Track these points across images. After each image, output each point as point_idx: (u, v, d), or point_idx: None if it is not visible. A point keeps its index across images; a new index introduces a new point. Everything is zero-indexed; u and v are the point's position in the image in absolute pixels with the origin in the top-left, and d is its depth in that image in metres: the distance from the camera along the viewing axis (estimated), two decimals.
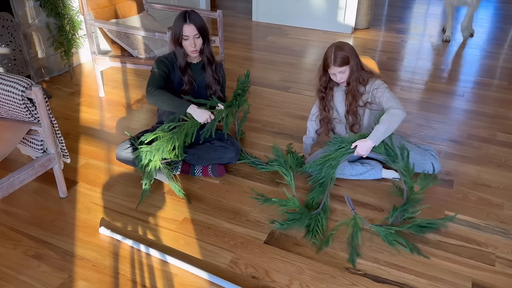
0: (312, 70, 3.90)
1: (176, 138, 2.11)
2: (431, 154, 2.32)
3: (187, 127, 2.13)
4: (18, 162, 2.42)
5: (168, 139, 2.10)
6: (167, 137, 2.11)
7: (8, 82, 1.84)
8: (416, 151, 2.26)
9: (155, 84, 2.14)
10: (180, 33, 2.12)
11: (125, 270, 1.74)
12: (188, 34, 2.11)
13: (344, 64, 2.10)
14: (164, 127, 2.14)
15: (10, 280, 1.68)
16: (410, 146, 2.26)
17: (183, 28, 2.10)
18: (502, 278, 1.74)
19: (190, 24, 2.10)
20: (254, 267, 1.77)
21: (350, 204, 2.03)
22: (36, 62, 3.45)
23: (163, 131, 2.13)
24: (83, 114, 3.02)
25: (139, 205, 2.10)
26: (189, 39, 2.12)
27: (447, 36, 4.82)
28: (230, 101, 2.29)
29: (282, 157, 2.18)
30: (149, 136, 2.12)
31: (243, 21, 5.45)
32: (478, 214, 2.09)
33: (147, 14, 3.38)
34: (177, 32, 2.13)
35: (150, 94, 2.11)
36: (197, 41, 2.15)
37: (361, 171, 2.27)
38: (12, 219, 2.01)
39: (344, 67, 2.11)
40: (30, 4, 3.26)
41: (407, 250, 1.84)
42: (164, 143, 2.10)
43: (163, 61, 2.22)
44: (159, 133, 2.12)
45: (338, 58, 2.09)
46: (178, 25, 2.12)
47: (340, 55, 2.09)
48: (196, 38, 2.14)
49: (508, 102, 3.32)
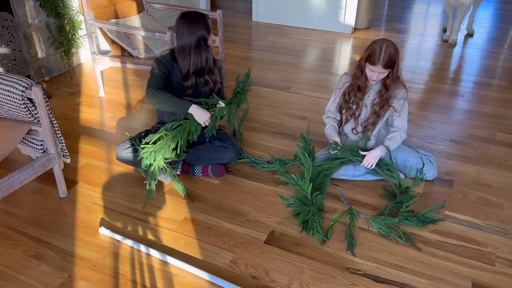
0: (312, 70, 3.90)
1: (179, 136, 2.11)
2: (429, 160, 2.31)
3: (189, 126, 2.13)
4: (18, 162, 2.42)
5: (171, 137, 2.10)
6: (171, 136, 2.11)
7: (8, 82, 1.84)
8: (413, 155, 2.25)
9: (155, 85, 2.13)
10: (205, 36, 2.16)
11: (125, 270, 1.74)
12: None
13: (390, 66, 2.04)
14: (167, 126, 2.14)
15: (10, 280, 1.68)
16: (407, 150, 2.26)
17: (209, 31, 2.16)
18: (502, 278, 1.74)
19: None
20: (254, 267, 1.77)
21: (345, 200, 2.08)
22: (36, 62, 3.45)
23: (166, 130, 2.13)
24: (83, 114, 3.02)
25: (136, 205, 2.10)
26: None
27: (447, 36, 4.82)
28: (230, 98, 2.30)
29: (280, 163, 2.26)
30: (153, 137, 2.11)
31: (243, 21, 5.45)
32: (478, 214, 2.09)
33: (147, 14, 3.38)
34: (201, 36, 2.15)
35: (151, 95, 2.10)
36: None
37: (364, 171, 2.27)
38: (12, 219, 2.01)
39: (389, 69, 2.06)
40: (30, 4, 3.26)
41: (401, 241, 1.88)
42: (168, 141, 2.10)
43: (162, 61, 2.21)
44: (163, 133, 2.12)
45: (386, 58, 2.00)
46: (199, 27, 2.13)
47: (388, 55, 2.00)
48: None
49: (508, 102, 3.32)
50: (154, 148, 2.08)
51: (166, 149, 2.09)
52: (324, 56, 4.29)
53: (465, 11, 4.55)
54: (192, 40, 2.13)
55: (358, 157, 2.14)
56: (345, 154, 2.15)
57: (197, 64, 2.18)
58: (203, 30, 2.13)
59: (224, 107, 2.22)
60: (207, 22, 2.14)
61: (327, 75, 3.79)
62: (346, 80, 2.26)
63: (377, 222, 1.94)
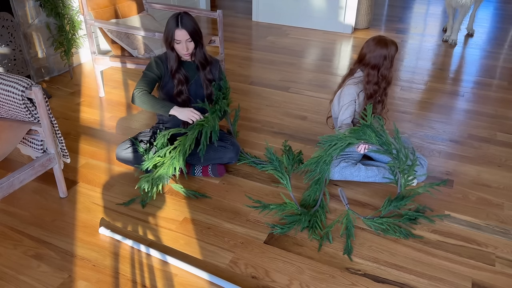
0: (312, 70, 3.90)
1: (176, 161, 2.11)
2: (419, 162, 2.29)
3: (182, 145, 2.13)
4: (18, 162, 2.42)
5: (168, 165, 2.11)
6: (167, 163, 2.11)
7: (8, 82, 1.84)
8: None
9: (140, 87, 2.16)
10: (172, 37, 2.10)
11: (125, 270, 1.74)
12: (180, 39, 2.09)
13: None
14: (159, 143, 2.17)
15: (10, 280, 1.68)
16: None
17: (175, 32, 2.08)
18: (502, 278, 1.74)
19: (182, 29, 2.08)
20: (254, 267, 1.77)
21: (344, 199, 2.07)
22: (36, 62, 3.45)
23: (160, 156, 2.14)
24: (83, 114, 3.02)
25: (136, 205, 2.11)
26: (181, 43, 2.11)
27: (447, 36, 4.82)
28: (213, 107, 2.24)
29: (276, 160, 2.15)
30: (149, 164, 2.13)
31: (243, 21, 5.45)
32: (478, 214, 2.09)
33: (147, 14, 3.38)
34: (169, 36, 2.11)
35: (134, 96, 2.14)
36: (189, 45, 2.14)
37: (376, 172, 2.27)
38: (12, 219, 2.01)
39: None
40: (30, 4, 3.26)
41: (401, 237, 1.89)
42: (165, 169, 2.11)
43: (157, 62, 2.22)
44: (158, 160, 2.14)
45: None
46: (169, 29, 2.10)
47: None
48: (188, 42, 2.13)
49: (508, 102, 3.32)
50: (152, 176, 2.10)
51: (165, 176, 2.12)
52: (324, 56, 4.29)
53: (466, 12, 4.55)
54: (163, 39, 2.16)
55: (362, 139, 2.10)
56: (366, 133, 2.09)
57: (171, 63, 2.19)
58: (170, 27, 2.11)
59: (208, 117, 2.18)
60: (172, 25, 2.10)
61: (327, 75, 3.79)
62: (359, 90, 2.26)
63: (375, 223, 1.95)
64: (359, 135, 2.05)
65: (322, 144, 2.12)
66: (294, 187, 2.23)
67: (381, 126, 2.06)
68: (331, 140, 2.08)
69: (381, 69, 2.18)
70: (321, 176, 2.12)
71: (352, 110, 2.26)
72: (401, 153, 2.01)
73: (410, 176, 2.03)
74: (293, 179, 2.29)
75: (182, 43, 2.11)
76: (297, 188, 2.24)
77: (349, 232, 1.91)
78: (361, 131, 2.04)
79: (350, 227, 1.93)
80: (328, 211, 2.08)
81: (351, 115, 2.27)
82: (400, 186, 2.08)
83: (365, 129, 2.03)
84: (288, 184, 2.07)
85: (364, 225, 2.00)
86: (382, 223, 1.95)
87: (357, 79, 2.27)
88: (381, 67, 2.17)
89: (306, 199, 2.12)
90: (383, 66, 2.17)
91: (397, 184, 2.11)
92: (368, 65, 2.19)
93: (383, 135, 2.02)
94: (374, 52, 2.15)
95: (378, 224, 1.95)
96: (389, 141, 2.03)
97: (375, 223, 1.96)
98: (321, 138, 2.11)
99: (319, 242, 1.88)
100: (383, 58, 2.15)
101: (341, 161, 2.27)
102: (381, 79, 2.20)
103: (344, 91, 2.27)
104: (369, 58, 2.17)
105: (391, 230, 1.93)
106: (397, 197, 2.06)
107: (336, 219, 2.00)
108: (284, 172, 2.10)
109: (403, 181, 2.06)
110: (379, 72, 2.18)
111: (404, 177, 2.05)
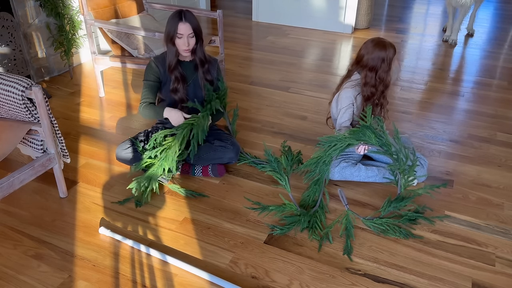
0: (312, 70, 3.90)
1: (165, 161, 2.13)
2: (420, 162, 2.31)
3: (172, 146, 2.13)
4: (18, 162, 2.42)
5: (157, 166, 2.13)
6: (157, 164, 2.13)
7: (8, 82, 1.84)
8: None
9: (143, 99, 2.25)
10: (174, 31, 2.11)
11: (125, 270, 1.74)
12: (182, 33, 2.10)
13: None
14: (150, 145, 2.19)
15: (10, 280, 1.69)
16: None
17: (178, 26, 2.10)
18: (502, 278, 1.74)
19: (186, 22, 2.10)
20: (254, 267, 1.77)
21: (344, 199, 2.07)
22: (36, 62, 3.45)
23: (150, 157, 2.16)
24: (83, 114, 3.02)
25: (138, 205, 2.11)
26: (183, 38, 2.12)
27: (448, 36, 4.82)
28: (204, 108, 2.24)
29: (275, 160, 2.16)
30: (140, 166, 2.17)
31: (243, 21, 5.45)
32: (478, 214, 2.09)
33: (147, 14, 3.38)
34: (172, 30, 2.12)
35: (139, 112, 2.29)
36: (191, 41, 2.15)
37: (376, 172, 2.27)
38: (12, 219, 2.01)
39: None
40: (30, 4, 3.26)
41: (400, 237, 1.89)
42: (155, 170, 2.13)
43: (152, 66, 2.24)
44: (149, 161, 2.16)
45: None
46: (173, 23, 2.11)
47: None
48: (190, 38, 2.13)
49: (508, 102, 3.32)
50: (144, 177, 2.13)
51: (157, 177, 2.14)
52: (324, 56, 4.29)
53: (466, 11, 4.55)
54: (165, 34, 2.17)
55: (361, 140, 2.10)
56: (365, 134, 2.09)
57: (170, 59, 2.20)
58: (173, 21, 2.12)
59: (199, 117, 2.18)
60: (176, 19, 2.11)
61: (327, 75, 3.79)
62: (357, 93, 2.25)
63: (375, 223, 1.95)
64: (359, 136, 2.05)
65: (321, 144, 2.12)
66: (293, 187, 2.23)
67: (380, 127, 2.06)
68: (331, 141, 2.08)
69: (378, 72, 2.17)
70: (320, 177, 2.12)
71: (350, 113, 2.26)
72: (401, 154, 2.01)
73: (410, 176, 2.03)
74: (293, 179, 2.29)
75: (184, 38, 2.12)
76: (296, 188, 2.24)
77: (348, 233, 1.91)
78: (361, 132, 2.04)
79: (349, 227, 1.93)
80: (328, 211, 2.08)
81: (349, 118, 2.26)
82: (400, 186, 2.08)
83: (365, 130, 2.02)
84: (287, 185, 2.07)
85: (364, 225, 2.00)
86: (381, 224, 1.95)
87: (355, 81, 2.26)
88: (379, 69, 2.16)
89: (305, 199, 2.12)
90: (381, 68, 2.16)
91: (397, 184, 2.11)
92: (366, 67, 2.18)
93: (383, 136, 2.02)
94: (372, 54, 2.14)
95: (377, 224, 1.95)
96: (389, 142, 2.03)
97: (375, 223, 1.96)
98: (321, 139, 2.11)
99: (319, 242, 1.89)
100: (381, 60, 2.14)
101: (341, 161, 2.27)
102: (378, 81, 2.19)
103: (342, 95, 2.27)
104: (367, 60, 2.17)
105: (391, 231, 1.93)
106: (397, 198, 2.06)
107: (335, 219, 2.00)
108: (282, 173, 2.10)
109: (403, 181, 2.06)
110: (376, 74, 2.18)
111: (404, 178, 2.05)
